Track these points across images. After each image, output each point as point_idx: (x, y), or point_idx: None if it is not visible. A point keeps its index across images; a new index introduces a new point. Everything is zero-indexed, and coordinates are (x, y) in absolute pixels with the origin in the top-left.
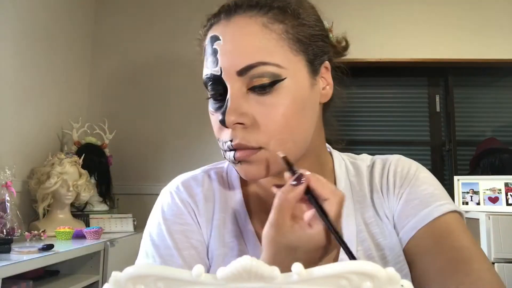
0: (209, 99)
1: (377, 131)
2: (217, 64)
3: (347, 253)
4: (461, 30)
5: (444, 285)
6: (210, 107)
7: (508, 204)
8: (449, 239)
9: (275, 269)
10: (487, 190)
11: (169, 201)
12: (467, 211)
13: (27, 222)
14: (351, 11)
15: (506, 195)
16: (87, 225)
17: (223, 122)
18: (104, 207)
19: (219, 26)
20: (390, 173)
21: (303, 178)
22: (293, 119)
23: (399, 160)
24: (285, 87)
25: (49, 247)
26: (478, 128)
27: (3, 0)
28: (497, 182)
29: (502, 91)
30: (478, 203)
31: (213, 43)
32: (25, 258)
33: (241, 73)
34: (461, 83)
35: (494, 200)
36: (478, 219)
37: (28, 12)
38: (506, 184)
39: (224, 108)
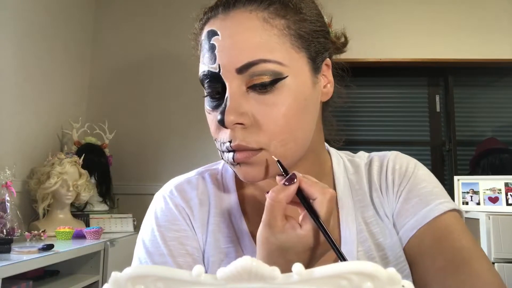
0: (205, 97)
1: (377, 131)
2: (215, 60)
3: (337, 252)
4: (461, 30)
5: (445, 285)
6: (207, 105)
7: (508, 204)
8: (450, 238)
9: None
10: (487, 190)
11: (162, 206)
12: (467, 211)
13: (27, 222)
14: (351, 11)
15: (506, 195)
16: (87, 225)
17: (222, 122)
18: (104, 207)
19: (217, 20)
20: (389, 171)
21: (295, 179)
22: (295, 119)
23: (396, 157)
24: (287, 86)
25: (49, 247)
26: (478, 128)
27: (3, 0)
28: (497, 182)
29: (502, 91)
30: (478, 203)
31: (210, 38)
32: (25, 258)
33: (241, 70)
34: (461, 83)
35: (494, 200)
36: (478, 219)
37: (28, 12)
38: (506, 184)
39: (223, 108)
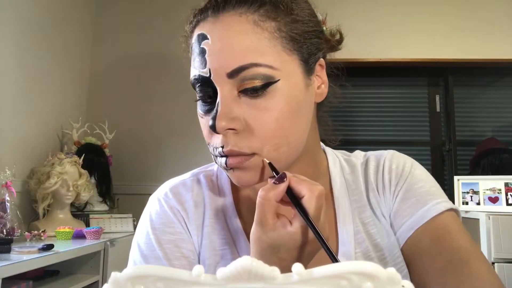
0: (197, 101)
1: (377, 131)
2: (205, 65)
3: (325, 248)
4: (461, 30)
5: (444, 285)
6: (199, 109)
7: (508, 204)
8: (447, 239)
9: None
10: (487, 190)
11: (157, 209)
12: (467, 211)
13: (27, 222)
14: (351, 11)
15: (506, 195)
16: (87, 225)
17: (213, 128)
18: (104, 207)
19: (207, 23)
20: (385, 171)
21: (285, 178)
22: (288, 122)
23: (393, 156)
24: (279, 90)
25: (49, 247)
26: (478, 128)
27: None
28: (497, 182)
29: (502, 91)
30: (478, 203)
31: (200, 42)
32: (25, 258)
33: (232, 75)
34: (461, 83)
35: (494, 200)
36: (478, 219)
37: (28, 12)
38: (506, 184)
39: (215, 113)
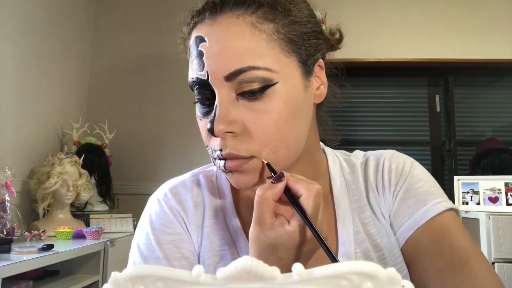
0: (196, 103)
1: (377, 131)
2: (203, 67)
3: (323, 247)
4: (461, 30)
5: (444, 286)
6: (198, 111)
7: (508, 204)
8: (447, 238)
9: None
10: (487, 190)
11: (157, 209)
12: (467, 211)
13: (27, 222)
14: (351, 11)
15: (506, 195)
16: (87, 225)
17: (211, 131)
18: (104, 207)
19: (204, 25)
20: (385, 170)
21: (282, 178)
22: (286, 125)
23: (393, 156)
24: (277, 92)
25: (49, 247)
26: (478, 128)
27: (3, 0)
28: (497, 182)
29: (502, 91)
30: (478, 203)
31: (198, 45)
32: (25, 258)
33: (230, 78)
34: (461, 83)
35: (494, 200)
36: (478, 219)
37: (28, 12)
38: (506, 184)
39: (213, 116)
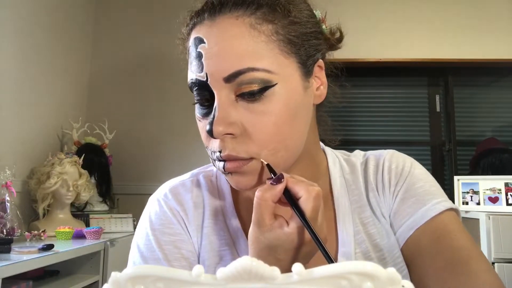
0: (195, 104)
1: (377, 131)
2: (202, 69)
3: (321, 249)
4: (461, 30)
5: (444, 285)
6: (197, 112)
7: (508, 204)
8: (447, 238)
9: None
10: (487, 190)
11: (157, 210)
12: (467, 211)
13: (27, 222)
14: (351, 10)
15: (506, 195)
16: (87, 225)
17: (210, 133)
18: (104, 207)
19: (203, 26)
20: (385, 170)
21: (282, 179)
22: (286, 126)
23: (392, 156)
24: (276, 93)
25: (49, 247)
26: (478, 128)
27: (2, 1)
28: (497, 182)
29: (502, 91)
30: (478, 203)
31: (197, 46)
32: (25, 258)
33: (229, 79)
34: (461, 83)
35: (494, 200)
36: (478, 219)
37: (28, 12)
38: (506, 184)
39: (212, 118)
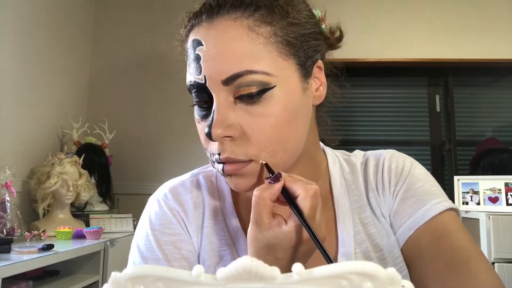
0: (194, 106)
1: (377, 131)
2: (200, 71)
3: (320, 249)
4: (461, 30)
5: (444, 285)
6: (196, 114)
7: (508, 204)
8: (447, 238)
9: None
10: (487, 190)
11: (157, 210)
12: (467, 211)
13: (27, 222)
14: (351, 10)
15: (506, 195)
16: (87, 225)
17: (209, 136)
18: (104, 207)
19: (201, 28)
20: (385, 170)
21: (280, 178)
22: (285, 128)
23: (392, 156)
24: (275, 96)
25: (49, 247)
26: (478, 128)
27: (3, 1)
28: (497, 182)
29: (502, 91)
30: (478, 203)
31: (195, 48)
32: (25, 258)
33: (227, 82)
34: (461, 83)
35: (494, 200)
36: (478, 219)
37: (28, 13)
38: (506, 184)
39: (210, 121)
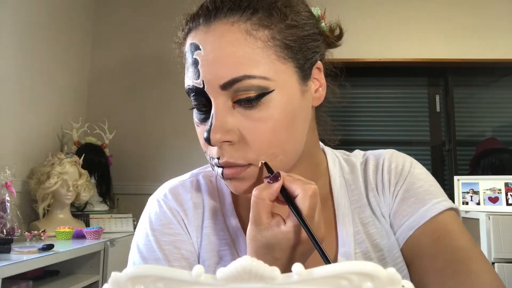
0: (192, 109)
1: (377, 131)
2: (198, 76)
3: (318, 249)
4: (461, 30)
5: (444, 285)
6: (195, 117)
7: (508, 204)
8: (447, 238)
9: (275, 269)
10: (487, 190)
11: (156, 210)
12: (467, 211)
13: (27, 222)
14: (350, 10)
15: (506, 195)
16: (87, 225)
17: (208, 141)
18: (104, 207)
19: (198, 32)
20: (385, 170)
21: (279, 177)
22: (283, 132)
23: (392, 155)
24: (273, 100)
25: (49, 247)
26: (478, 128)
27: (3, 0)
28: (497, 182)
29: (502, 91)
30: (478, 203)
31: (193, 53)
32: (25, 258)
33: (225, 87)
34: (461, 83)
35: (494, 200)
36: (478, 219)
37: (28, 13)
38: (506, 184)
39: (209, 126)
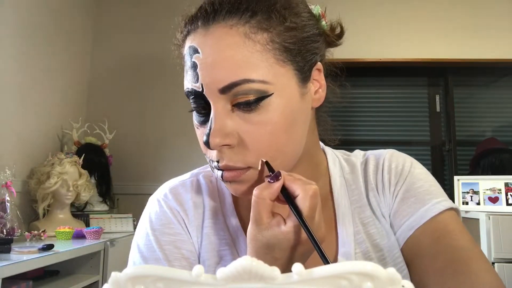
0: (192, 111)
1: (377, 131)
2: (197, 79)
3: (316, 248)
4: (461, 30)
5: (444, 285)
6: (195, 120)
7: (508, 204)
8: (448, 238)
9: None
10: (487, 190)
11: (157, 210)
12: (467, 211)
13: (27, 222)
14: (351, 10)
15: (506, 195)
16: (87, 225)
17: (207, 145)
18: (104, 207)
19: (197, 35)
20: (385, 170)
21: (280, 177)
22: (283, 135)
23: (392, 155)
24: (272, 103)
25: (49, 247)
26: (478, 128)
27: (2, 0)
28: (497, 182)
29: (502, 91)
30: (478, 203)
31: (192, 56)
32: (25, 258)
33: (224, 91)
34: (461, 83)
35: (494, 200)
36: (478, 219)
37: (28, 13)
38: (506, 184)
39: (208, 129)
